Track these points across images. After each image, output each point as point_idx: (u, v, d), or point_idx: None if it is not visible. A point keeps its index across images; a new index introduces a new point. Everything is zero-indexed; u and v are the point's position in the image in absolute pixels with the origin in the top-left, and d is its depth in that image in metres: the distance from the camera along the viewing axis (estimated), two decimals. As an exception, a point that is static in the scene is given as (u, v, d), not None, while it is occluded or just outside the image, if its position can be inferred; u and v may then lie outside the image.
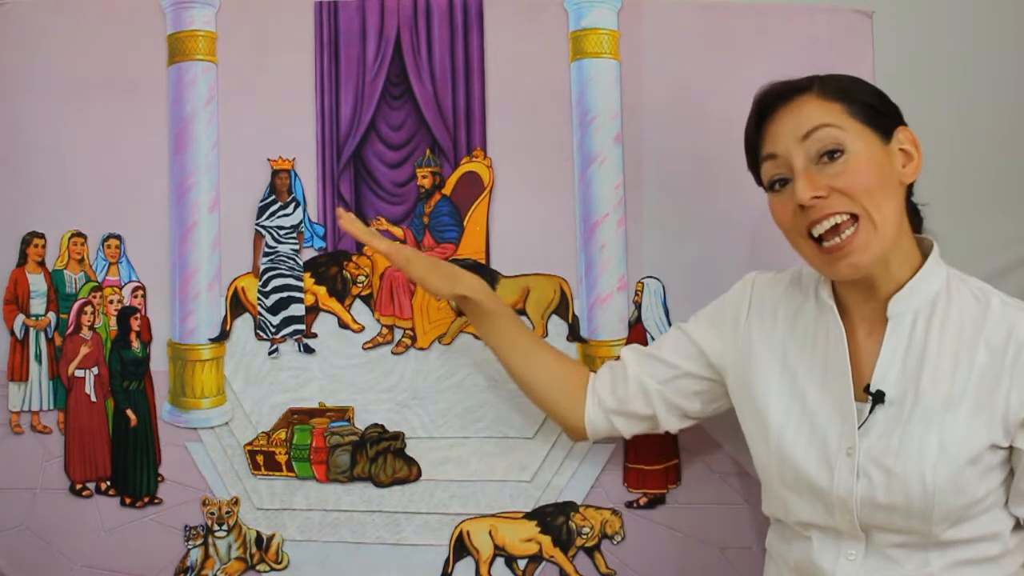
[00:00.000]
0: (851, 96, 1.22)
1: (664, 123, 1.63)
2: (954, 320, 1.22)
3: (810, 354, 1.30)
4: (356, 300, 1.66)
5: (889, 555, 1.22)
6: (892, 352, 1.23)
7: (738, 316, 1.39)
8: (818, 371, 1.28)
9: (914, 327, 1.23)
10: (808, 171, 1.20)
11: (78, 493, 1.66)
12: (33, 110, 1.65)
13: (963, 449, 1.17)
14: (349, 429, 1.65)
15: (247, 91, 1.64)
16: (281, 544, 1.65)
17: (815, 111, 1.21)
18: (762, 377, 1.32)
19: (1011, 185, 1.69)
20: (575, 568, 1.63)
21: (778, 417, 1.29)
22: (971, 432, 1.18)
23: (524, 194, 1.64)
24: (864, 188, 1.18)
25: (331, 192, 1.66)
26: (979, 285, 1.26)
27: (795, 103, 1.23)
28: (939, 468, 1.17)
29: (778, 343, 1.33)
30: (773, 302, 1.36)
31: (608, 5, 1.63)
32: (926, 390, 1.20)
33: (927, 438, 1.18)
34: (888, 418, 1.21)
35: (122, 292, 1.66)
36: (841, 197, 1.18)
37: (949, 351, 1.21)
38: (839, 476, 1.22)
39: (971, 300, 1.23)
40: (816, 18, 1.64)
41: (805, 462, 1.25)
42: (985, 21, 1.69)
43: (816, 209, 1.19)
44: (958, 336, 1.21)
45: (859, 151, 1.19)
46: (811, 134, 1.20)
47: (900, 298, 1.23)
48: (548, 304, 1.64)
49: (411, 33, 1.65)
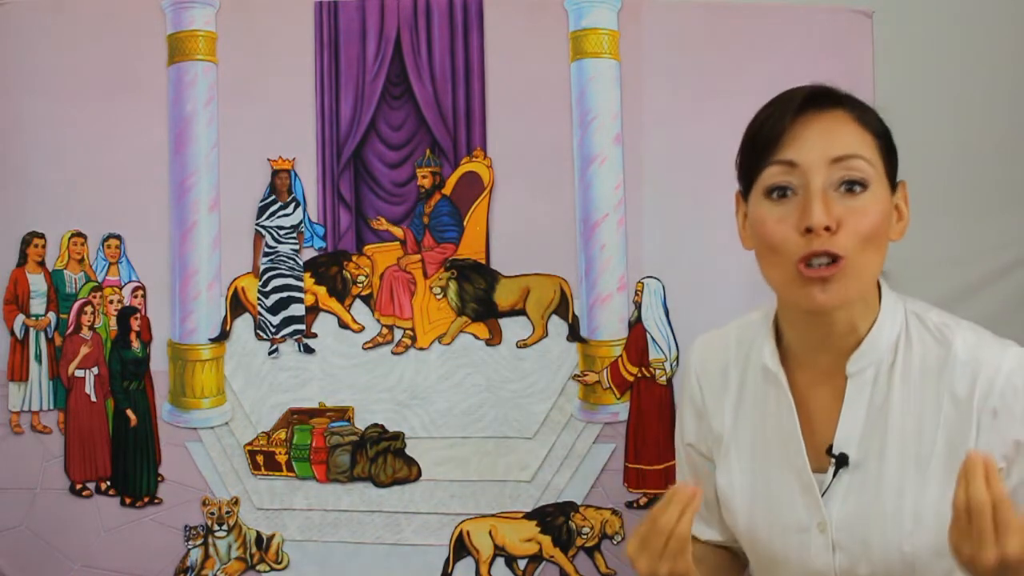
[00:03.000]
0: (880, 135, 1.12)
1: (664, 123, 1.63)
2: (916, 369, 1.13)
3: (762, 425, 1.20)
4: (356, 300, 1.66)
5: None
6: (854, 413, 1.14)
7: (693, 397, 1.27)
8: (774, 443, 1.18)
9: (876, 382, 1.14)
10: (827, 195, 1.07)
11: (78, 493, 1.66)
12: (33, 110, 1.65)
13: (938, 515, 1.07)
14: (349, 429, 1.65)
15: (247, 91, 1.64)
16: (281, 544, 1.65)
17: (853, 137, 1.10)
18: (722, 454, 1.22)
19: (1011, 185, 1.69)
20: (575, 568, 1.63)
21: (744, 501, 1.20)
22: (943, 495, 1.06)
23: (524, 194, 1.64)
24: (872, 232, 1.08)
25: (331, 192, 1.66)
26: (939, 322, 1.16)
27: (830, 116, 1.11)
28: (915, 537, 1.10)
29: (730, 411, 1.22)
30: (722, 365, 1.25)
31: (608, 5, 1.63)
32: (893, 452, 1.12)
33: (901, 507, 1.11)
34: (855, 483, 1.13)
35: (122, 292, 1.66)
36: (845, 236, 1.07)
37: (913, 407, 1.12)
38: (816, 554, 1.14)
39: (931, 343, 1.14)
40: (816, 18, 1.64)
41: (780, 545, 1.17)
42: (985, 21, 1.69)
43: (821, 241, 1.06)
44: (921, 388, 1.13)
45: (878, 194, 1.09)
46: (844, 161, 1.08)
47: (860, 355, 1.14)
48: (548, 304, 1.64)
49: (411, 33, 1.65)
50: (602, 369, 1.64)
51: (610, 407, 1.65)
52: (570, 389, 1.64)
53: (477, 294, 1.65)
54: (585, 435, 1.64)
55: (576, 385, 1.65)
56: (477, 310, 1.65)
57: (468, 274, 1.65)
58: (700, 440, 1.26)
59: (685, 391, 1.30)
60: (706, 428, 1.25)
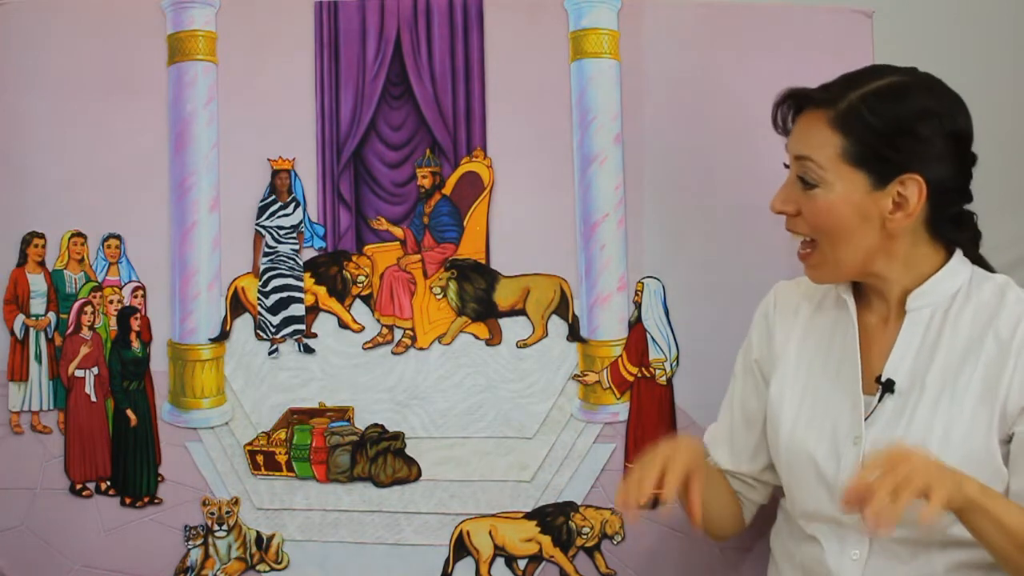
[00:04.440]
0: (859, 133, 1.20)
1: (664, 123, 1.63)
2: (969, 315, 1.25)
3: (826, 347, 1.34)
4: (356, 300, 1.66)
5: (893, 554, 1.23)
6: (907, 344, 1.26)
7: (766, 313, 1.42)
8: (833, 363, 1.32)
9: (930, 321, 1.26)
10: (789, 184, 1.27)
11: (78, 493, 1.66)
12: (33, 110, 1.64)
13: (966, 440, 1.20)
14: (349, 429, 1.65)
15: (247, 91, 1.64)
16: (281, 544, 1.65)
17: (812, 137, 1.23)
18: (778, 369, 1.36)
19: (1011, 185, 1.69)
20: (575, 568, 1.63)
21: (791, 409, 1.33)
22: (975, 424, 1.20)
23: (524, 194, 1.64)
24: (823, 228, 1.24)
25: (331, 192, 1.66)
26: (1003, 280, 1.28)
27: (806, 117, 1.26)
28: (942, 457, 1.17)
29: (796, 336, 1.37)
30: (796, 301, 1.40)
31: (608, 5, 1.63)
32: (933, 382, 1.23)
33: (931, 428, 1.21)
34: (895, 408, 1.24)
35: (122, 292, 1.66)
36: (804, 222, 1.26)
37: (960, 345, 1.24)
38: (845, 464, 1.25)
39: (989, 295, 1.26)
40: (816, 18, 1.64)
41: (815, 451, 1.28)
42: (985, 21, 1.69)
43: (791, 222, 1.28)
44: (970, 330, 1.24)
45: (832, 193, 1.23)
46: (800, 160, 1.25)
47: (919, 293, 1.26)
48: (548, 304, 1.64)
49: (411, 33, 1.65)
50: (602, 369, 1.64)
51: (610, 407, 1.65)
52: (570, 389, 1.64)
53: (477, 294, 1.65)
54: (585, 435, 1.64)
55: (576, 385, 1.65)
56: (477, 310, 1.65)
57: (468, 274, 1.65)
58: (763, 357, 1.40)
59: (759, 315, 1.44)
60: (768, 345, 1.39)
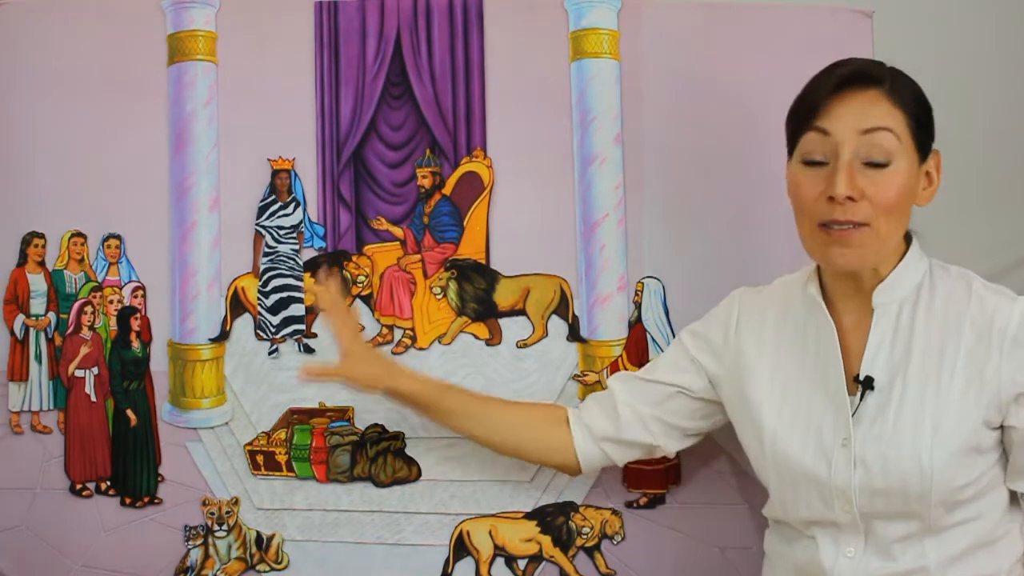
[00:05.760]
0: (913, 108, 1.22)
1: (664, 123, 1.63)
2: (939, 305, 1.25)
3: (801, 350, 1.32)
4: (356, 300, 1.66)
5: (887, 550, 1.24)
6: (879, 340, 1.26)
7: (727, 324, 1.40)
8: (809, 366, 1.31)
9: (900, 315, 1.26)
10: (851, 167, 1.19)
11: (78, 493, 1.66)
12: (33, 110, 1.64)
13: (957, 429, 1.20)
14: (349, 429, 1.65)
15: (247, 91, 1.64)
16: (281, 544, 1.65)
17: (884, 111, 1.20)
18: (754, 379, 1.34)
19: (1011, 185, 1.69)
20: (575, 568, 1.63)
21: (771, 417, 1.31)
22: (963, 412, 1.20)
23: (524, 194, 1.64)
24: (892, 205, 1.20)
25: (331, 192, 1.66)
26: (960, 271, 1.29)
27: (865, 96, 1.21)
28: (934, 449, 1.19)
29: (768, 343, 1.35)
30: (761, 308, 1.39)
31: (608, 5, 1.63)
32: (915, 375, 1.23)
33: (921, 420, 1.21)
34: (877, 405, 1.24)
35: (122, 292, 1.66)
36: (867, 205, 1.19)
37: (936, 335, 1.24)
38: (836, 467, 1.24)
39: (953, 284, 1.27)
40: (816, 18, 1.64)
41: (801, 456, 1.27)
42: (985, 21, 1.69)
43: (842, 210, 1.20)
44: (943, 320, 1.24)
45: (902, 169, 1.21)
46: (873, 132, 1.19)
47: (884, 288, 1.26)
48: (548, 304, 1.64)
49: (411, 33, 1.65)
50: (602, 369, 1.64)
51: (610, 407, 1.64)
52: (570, 389, 1.64)
53: (477, 294, 1.65)
54: (585, 435, 1.64)
55: (576, 385, 1.64)
56: (477, 310, 1.65)
57: (468, 274, 1.65)
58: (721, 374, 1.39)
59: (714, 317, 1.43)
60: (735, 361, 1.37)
